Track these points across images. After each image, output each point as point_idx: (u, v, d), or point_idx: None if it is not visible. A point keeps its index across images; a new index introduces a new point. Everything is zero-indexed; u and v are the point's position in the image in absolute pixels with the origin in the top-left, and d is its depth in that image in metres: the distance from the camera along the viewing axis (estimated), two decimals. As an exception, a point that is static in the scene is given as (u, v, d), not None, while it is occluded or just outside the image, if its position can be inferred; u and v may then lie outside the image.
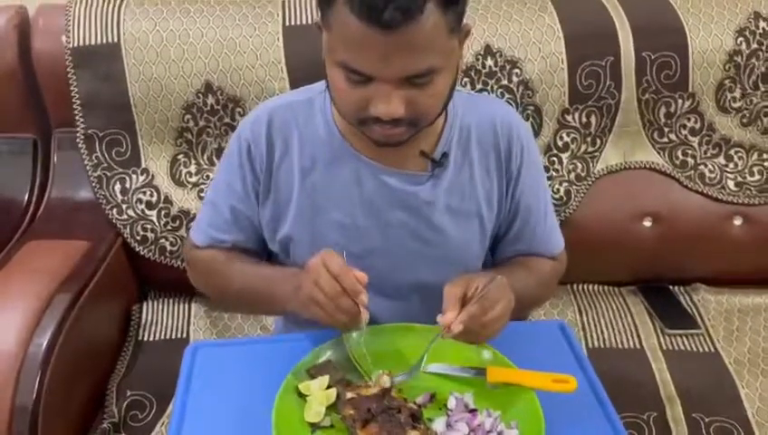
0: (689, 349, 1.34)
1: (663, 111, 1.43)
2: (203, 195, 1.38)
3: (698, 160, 1.45)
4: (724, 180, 1.45)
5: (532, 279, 1.05)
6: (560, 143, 1.42)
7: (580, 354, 0.91)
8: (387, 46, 0.77)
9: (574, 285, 1.51)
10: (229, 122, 1.37)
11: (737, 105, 1.44)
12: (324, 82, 0.94)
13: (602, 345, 1.35)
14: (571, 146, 1.43)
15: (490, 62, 1.38)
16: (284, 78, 1.35)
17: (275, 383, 0.81)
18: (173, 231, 1.39)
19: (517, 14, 1.40)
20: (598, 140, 1.43)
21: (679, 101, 1.42)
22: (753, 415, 1.19)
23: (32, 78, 1.40)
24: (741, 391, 1.23)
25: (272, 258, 1.10)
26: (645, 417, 1.17)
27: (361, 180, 0.97)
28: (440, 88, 0.85)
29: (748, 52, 1.41)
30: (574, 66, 1.38)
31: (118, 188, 1.38)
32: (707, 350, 1.34)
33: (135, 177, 1.39)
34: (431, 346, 0.84)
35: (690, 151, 1.45)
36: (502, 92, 1.38)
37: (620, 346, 1.35)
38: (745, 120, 1.45)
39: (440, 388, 0.83)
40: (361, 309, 0.81)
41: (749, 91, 1.43)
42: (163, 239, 1.39)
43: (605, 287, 1.51)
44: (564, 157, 1.43)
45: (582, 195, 1.43)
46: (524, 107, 1.39)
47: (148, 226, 1.38)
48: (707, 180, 1.44)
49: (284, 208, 0.99)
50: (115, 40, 1.34)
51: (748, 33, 1.41)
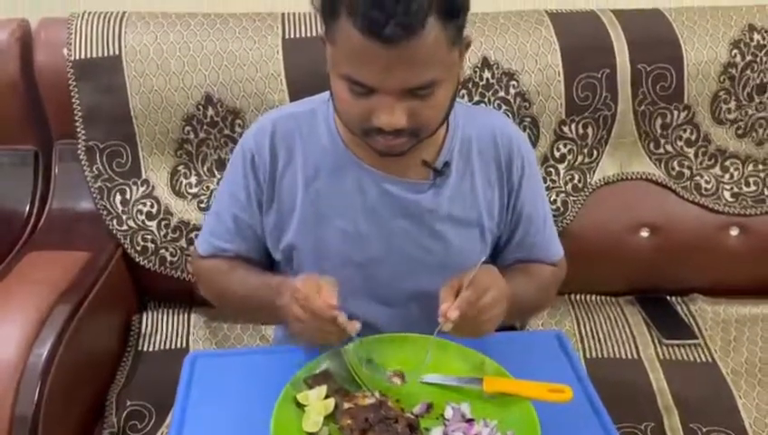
0: (687, 359, 1.34)
1: (659, 122, 1.44)
2: (203, 206, 1.40)
3: (694, 171, 1.46)
4: (720, 191, 1.46)
5: (533, 284, 1.07)
6: (557, 154, 1.43)
7: (577, 364, 0.91)
8: (389, 60, 0.78)
9: (572, 295, 1.52)
10: (229, 134, 1.38)
11: (732, 116, 1.45)
12: (327, 93, 0.96)
13: (600, 355, 1.35)
14: (568, 157, 1.44)
15: (487, 74, 1.39)
16: (284, 90, 1.36)
17: (274, 393, 0.82)
18: (173, 242, 1.39)
19: (514, 27, 1.42)
20: (594, 151, 1.44)
21: (675, 113, 1.44)
22: (750, 425, 1.19)
23: (33, 90, 1.42)
24: (738, 402, 1.24)
25: (275, 267, 1.11)
26: (642, 427, 1.17)
27: (364, 188, 0.98)
28: (441, 99, 0.86)
29: (743, 64, 1.42)
30: (571, 78, 1.39)
31: (118, 199, 1.39)
32: (705, 360, 1.34)
33: (135, 188, 1.40)
34: (435, 334, 0.85)
35: (686, 162, 1.46)
36: (499, 104, 1.39)
37: (618, 356, 1.35)
38: (740, 132, 1.46)
39: (437, 398, 0.84)
40: (345, 324, 0.83)
41: (744, 103, 1.44)
42: (163, 250, 1.39)
43: (603, 298, 1.52)
44: (561, 168, 1.44)
45: (579, 206, 1.44)
46: (521, 118, 1.40)
47: (149, 236, 1.39)
48: (703, 191, 1.46)
49: (288, 217, 1.01)
50: (116, 53, 1.35)
51: (742, 46, 1.42)
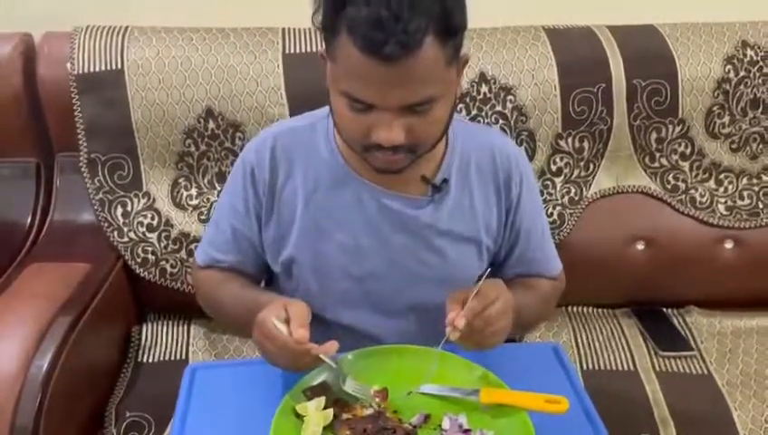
0: (682, 371, 1.35)
1: (654, 136, 1.46)
2: (203, 218, 1.41)
3: (689, 185, 1.48)
4: (714, 204, 1.48)
5: (534, 298, 1.08)
6: (553, 168, 1.45)
7: (574, 376, 0.92)
8: (388, 77, 0.80)
9: (569, 307, 1.53)
10: (229, 147, 1.40)
11: (726, 131, 1.47)
12: (326, 108, 0.97)
13: (597, 367, 1.36)
14: (565, 170, 1.45)
15: (485, 88, 1.41)
16: (284, 104, 1.38)
17: (273, 404, 0.83)
18: (173, 253, 1.40)
19: (511, 42, 1.44)
20: (591, 165, 1.46)
21: (670, 127, 1.45)
22: (745, 437, 1.20)
23: (36, 104, 1.43)
24: (734, 413, 1.25)
25: (273, 281, 1.12)
26: (639, 439, 1.19)
27: (363, 203, 1.00)
28: (439, 116, 0.88)
29: (736, 79, 1.44)
30: (567, 93, 1.41)
31: (119, 211, 1.40)
32: (700, 372, 1.35)
33: (136, 200, 1.41)
34: (441, 346, 0.87)
35: (681, 176, 1.48)
36: (496, 118, 1.41)
37: (614, 368, 1.36)
38: (734, 146, 1.48)
39: (434, 409, 0.85)
40: (319, 351, 0.82)
41: (738, 118, 1.46)
42: (163, 262, 1.40)
43: (599, 310, 1.53)
44: (558, 181, 1.46)
45: (576, 218, 1.45)
46: (518, 132, 1.42)
47: (149, 248, 1.40)
48: (698, 204, 1.47)
49: (287, 230, 1.02)
50: (119, 67, 1.37)
51: (736, 61, 1.44)
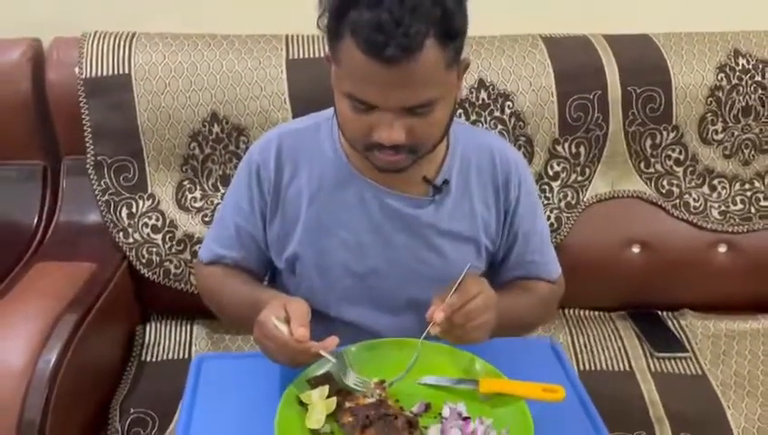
0: (677, 371, 1.38)
1: (649, 142, 1.49)
2: (207, 220, 1.43)
3: (683, 190, 1.51)
4: (708, 209, 1.51)
5: (532, 300, 1.11)
6: (551, 172, 1.48)
7: (569, 369, 0.95)
8: (389, 79, 0.83)
9: (566, 310, 1.56)
10: (233, 150, 1.43)
11: (719, 137, 1.50)
12: (330, 109, 1.00)
13: (593, 368, 1.39)
14: (562, 175, 1.49)
15: (483, 94, 1.44)
16: (287, 108, 1.41)
17: (277, 394, 0.85)
18: (177, 254, 1.43)
19: (509, 50, 1.47)
20: (587, 170, 1.49)
21: (664, 133, 1.49)
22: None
23: (44, 108, 1.46)
24: (727, 412, 1.27)
25: (275, 277, 1.15)
26: (634, 436, 1.21)
27: (366, 202, 1.02)
28: (439, 117, 0.91)
29: (728, 87, 1.48)
30: (564, 99, 1.45)
31: (125, 212, 1.43)
32: (695, 372, 1.38)
33: (141, 202, 1.44)
34: (422, 338, 0.90)
35: (675, 181, 1.51)
36: (495, 124, 1.44)
37: (610, 368, 1.39)
38: (727, 152, 1.52)
39: (435, 399, 0.87)
40: (319, 347, 0.84)
41: (730, 125, 1.50)
42: (168, 262, 1.43)
43: (595, 313, 1.56)
44: (555, 185, 1.49)
45: (573, 222, 1.48)
46: (516, 138, 1.45)
47: (154, 249, 1.42)
48: (692, 209, 1.50)
49: (292, 227, 1.05)
50: (126, 71, 1.40)
51: (728, 70, 1.48)
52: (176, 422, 1.22)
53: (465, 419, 0.82)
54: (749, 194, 1.52)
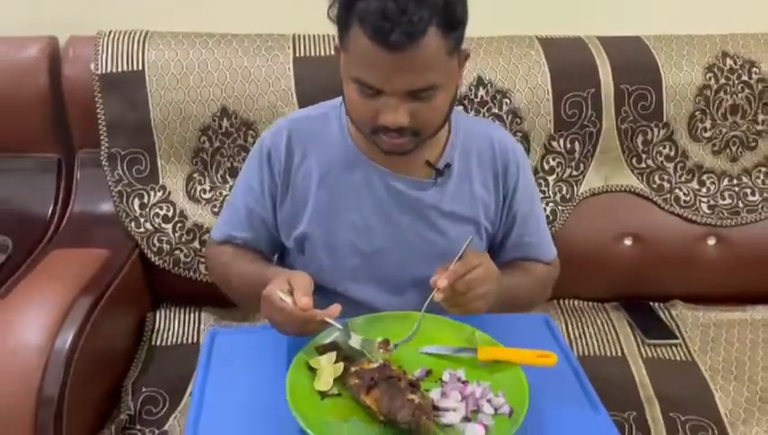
0: (668, 357, 1.43)
1: (640, 139, 1.56)
2: (216, 210, 1.49)
3: (674, 185, 1.57)
4: (697, 203, 1.57)
5: (529, 279, 1.17)
6: (546, 167, 1.54)
7: (562, 341, 1.00)
8: (394, 64, 0.89)
9: (561, 300, 1.61)
10: (242, 144, 1.49)
11: (708, 135, 1.57)
12: (338, 99, 1.07)
13: (587, 353, 1.44)
14: (557, 170, 1.55)
15: (482, 92, 1.51)
16: (294, 104, 1.47)
17: (287, 363, 0.90)
18: (187, 243, 1.48)
19: (507, 50, 1.54)
20: (581, 165, 1.56)
21: (655, 130, 1.55)
22: (725, 415, 1.27)
23: (59, 103, 1.52)
24: (715, 395, 1.32)
25: (284, 257, 1.20)
26: (625, 416, 1.25)
27: (372, 184, 1.08)
28: (441, 102, 0.97)
29: (716, 86, 1.55)
30: (559, 97, 1.51)
31: (137, 203, 1.48)
32: (685, 358, 1.43)
33: (153, 193, 1.49)
34: (426, 305, 0.96)
35: (666, 176, 1.57)
36: (493, 120, 1.50)
37: (604, 354, 1.44)
38: (716, 149, 1.58)
39: (436, 366, 0.92)
40: (323, 315, 0.89)
41: (718, 122, 1.56)
42: (178, 251, 1.48)
43: (590, 303, 1.61)
44: (550, 179, 1.55)
45: (567, 215, 1.54)
46: (514, 133, 1.51)
47: (164, 238, 1.48)
48: (682, 203, 1.56)
49: (302, 208, 1.10)
50: (140, 68, 1.46)
51: (716, 70, 1.55)
52: (186, 400, 1.27)
53: (464, 382, 0.87)
54: (737, 189, 1.58)
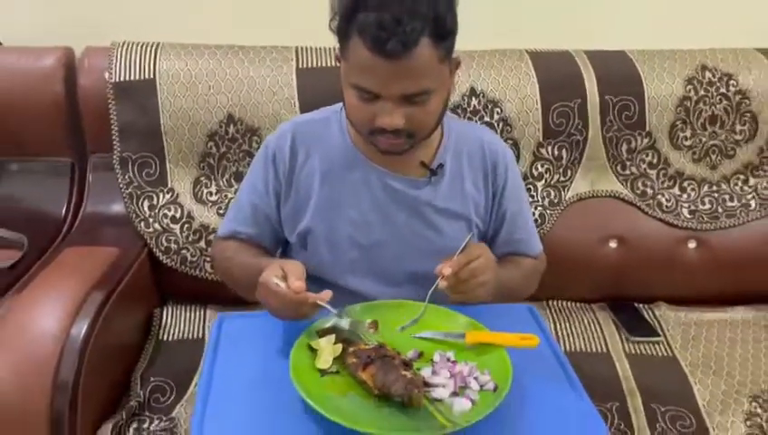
0: (650, 353, 1.50)
1: (624, 146, 1.64)
2: (221, 212, 1.56)
3: (656, 190, 1.65)
4: (679, 208, 1.65)
5: (519, 272, 1.25)
6: (535, 173, 1.62)
7: (544, 326, 1.08)
8: (390, 70, 0.97)
9: (550, 301, 1.68)
10: (247, 149, 1.57)
11: (688, 143, 1.65)
12: (339, 104, 1.15)
13: (573, 349, 1.51)
14: (545, 175, 1.63)
15: (474, 101, 1.59)
16: (296, 111, 1.55)
17: (290, 344, 0.97)
18: (194, 243, 1.56)
19: (498, 62, 1.63)
20: (568, 171, 1.64)
21: (638, 139, 1.64)
22: (703, 406, 1.34)
23: (74, 110, 1.60)
24: (694, 387, 1.39)
25: (286, 253, 1.28)
26: (608, 406, 1.32)
27: (371, 183, 1.16)
28: (433, 106, 1.05)
29: (696, 98, 1.63)
30: (547, 107, 1.59)
31: (146, 204, 1.56)
32: (666, 354, 1.50)
33: (162, 195, 1.57)
34: (431, 292, 1.03)
35: (649, 183, 1.66)
36: (484, 128, 1.59)
37: (589, 350, 1.51)
38: (696, 157, 1.66)
39: (427, 348, 0.99)
40: (316, 298, 0.95)
41: (698, 132, 1.65)
42: (185, 250, 1.56)
43: (577, 304, 1.68)
44: (539, 185, 1.63)
45: (555, 219, 1.62)
46: (504, 140, 1.58)
47: (172, 238, 1.56)
48: (665, 208, 1.65)
49: (304, 205, 1.18)
50: (151, 76, 1.54)
51: (696, 82, 1.64)
52: (192, 390, 1.34)
53: (453, 362, 0.95)
54: (716, 195, 1.66)
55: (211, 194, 1.59)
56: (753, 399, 1.36)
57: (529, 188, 1.62)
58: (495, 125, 1.59)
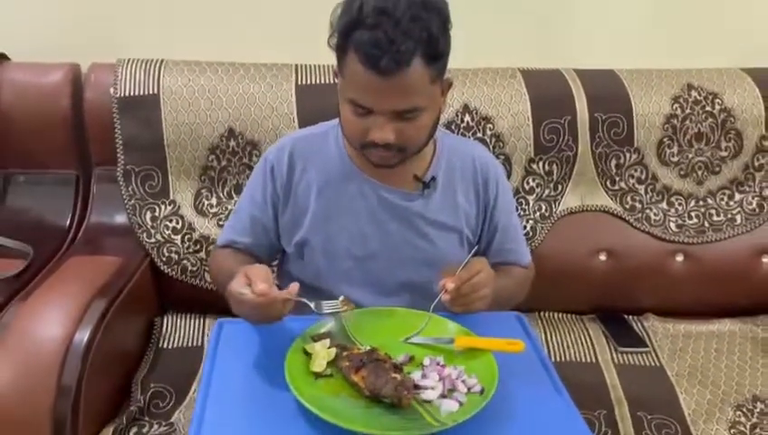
0: (638, 363, 1.54)
1: (613, 162, 1.69)
2: (221, 223, 1.61)
3: (645, 205, 1.70)
4: (666, 222, 1.70)
5: (510, 281, 1.29)
6: (527, 187, 1.67)
7: (531, 333, 1.12)
8: (383, 87, 1.02)
9: (540, 312, 1.72)
10: (247, 162, 1.62)
11: (675, 159, 1.70)
12: (336, 119, 1.20)
13: (563, 359, 1.55)
14: (537, 190, 1.68)
15: (468, 118, 1.64)
16: (295, 126, 1.60)
17: (286, 348, 1.01)
18: (194, 254, 1.61)
19: (491, 80, 1.68)
20: (559, 186, 1.69)
21: (627, 155, 1.69)
22: (688, 415, 1.38)
23: (79, 124, 1.65)
24: (680, 397, 1.43)
25: (282, 263, 1.32)
26: (596, 414, 1.36)
27: (366, 195, 1.21)
28: (424, 123, 1.10)
29: (682, 116, 1.69)
30: (538, 123, 1.65)
31: (148, 215, 1.61)
32: (653, 365, 1.54)
33: (164, 206, 1.62)
34: (434, 304, 1.06)
35: (638, 197, 1.70)
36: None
37: (578, 360, 1.55)
38: (683, 172, 1.71)
39: (418, 354, 1.03)
40: (284, 294, 0.97)
41: (684, 149, 1.70)
42: (185, 260, 1.60)
43: (568, 315, 1.73)
44: (531, 199, 1.68)
45: (546, 232, 1.67)
46: (496, 156, 1.63)
47: (173, 248, 1.60)
48: (653, 222, 1.69)
49: (302, 215, 1.23)
50: (155, 92, 1.60)
51: (682, 101, 1.69)
52: (191, 396, 1.37)
53: (442, 366, 0.99)
54: (702, 210, 1.71)
55: (211, 206, 1.63)
56: (737, 408, 1.40)
57: (520, 202, 1.67)
58: (488, 141, 1.64)
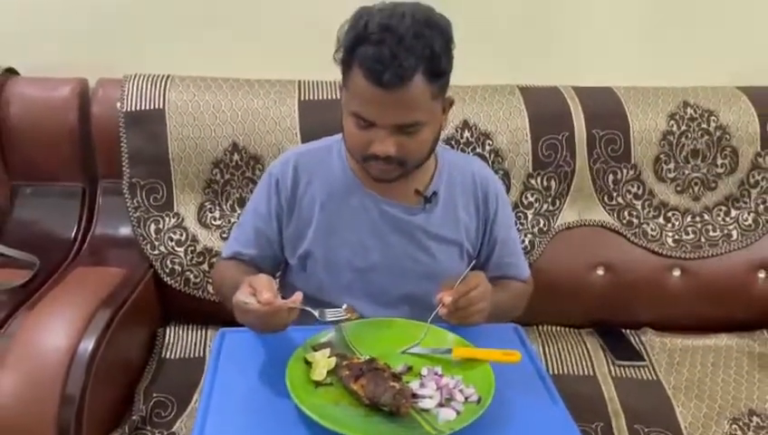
0: (635, 377, 1.56)
1: (611, 178, 1.71)
2: (225, 236, 1.63)
3: (642, 220, 1.72)
4: (663, 238, 1.72)
5: (509, 294, 1.31)
6: (525, 202, 1.70)
7: (528, 345, 1.14)
8: (385, 101, 1.05)
9: (539, 325, 1.74)
10: (250, 176, 1.64)
11: (672, 175, 1.73)
12: (339, 134, 1.22)
13: (561, 372, 1.57)
14: (535, 205, 1.70)
15: (467, 133, 1.67)
16: (297, 141, 1.63)
17: (287, 358, 1.03)
18: (197, 265, 1.63)
19: (490, 96, 1.71)
20: (557, 201, 1.71)
21: (624, 171, 1.71)
22: (685, 428, 1.39)
23: (86, 138, 1.69)
24: (677, 410, 1.44)
25: (285, 275, 1.34)
26: (593, 426, 1.37)
27: (368, 209, 1.23)
28: (425, 138, 1.13)
29: (678, 132, 1.71)
30: (536, 139, 1.67)
31: (153, 227, 1.63)
32: (651, 378, 1.56)
33: (168, 219, 1.64)
34: (432, 317, 1.08)
35: (635, 213, 1.73)
36: (477, 158, 1.66)
37: (576, 373, 1.56)
38: (679, 188, 1.74)
39: (416, 364, 1.05)
40: (288, 303, 0.99)
41: (681, 165, 1.73)
42: (188, 272, 1.63)
43: (565, 329, 1.74)
44: (529, 213, 1.70)
45: (544, 246, 1.69)
46: (495, 171, 1.65)
47: (177, 260, 1.62)
48: (650, 237, 1.71)
49: (305, 229, 1.25)
50: (160, 107, 1.63)
51: (678, 118, 1.72)
52: (192, 406, 1.39)
53: (440, 375, 1.01)
54: (699, 225, 1.73)
55: (215, 219, 1.66)
56: (732, 421, 1.42)
57: (519, 217, 1.69)
58: (487, 156, 1.67)
